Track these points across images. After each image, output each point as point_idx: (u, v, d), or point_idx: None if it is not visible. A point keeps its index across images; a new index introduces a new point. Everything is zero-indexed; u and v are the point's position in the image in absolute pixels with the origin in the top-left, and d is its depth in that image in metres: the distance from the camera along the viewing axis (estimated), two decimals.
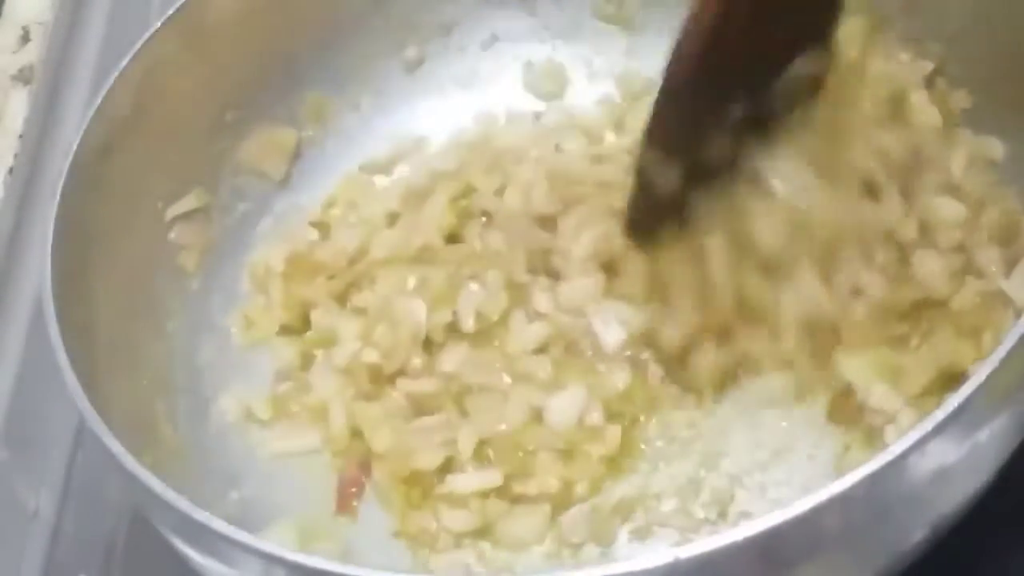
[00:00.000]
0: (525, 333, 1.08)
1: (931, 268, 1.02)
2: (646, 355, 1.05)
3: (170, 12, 1.14)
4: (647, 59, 1.27)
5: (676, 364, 1.04)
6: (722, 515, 0.99)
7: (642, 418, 1.04)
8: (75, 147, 1.06)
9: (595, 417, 1.03)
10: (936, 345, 1.00)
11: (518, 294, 1.10)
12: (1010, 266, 1.02)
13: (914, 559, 0.90)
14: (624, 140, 1.21)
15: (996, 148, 1.10)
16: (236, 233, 1.21)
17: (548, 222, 1.13)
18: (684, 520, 0.99)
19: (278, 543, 0.84)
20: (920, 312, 1.02)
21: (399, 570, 1.00)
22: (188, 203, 1.17)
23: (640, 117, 1.03)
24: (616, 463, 1.02)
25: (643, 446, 1.03)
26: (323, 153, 1.26)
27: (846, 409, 1.00)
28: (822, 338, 1.01)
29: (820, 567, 0.83)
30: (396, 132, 1.28)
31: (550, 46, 1.30)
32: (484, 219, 1.17)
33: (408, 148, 1.26)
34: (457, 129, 1.27)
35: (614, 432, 1.03)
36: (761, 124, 0.98)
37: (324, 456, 1.09)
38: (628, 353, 1.05)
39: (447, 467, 1.04)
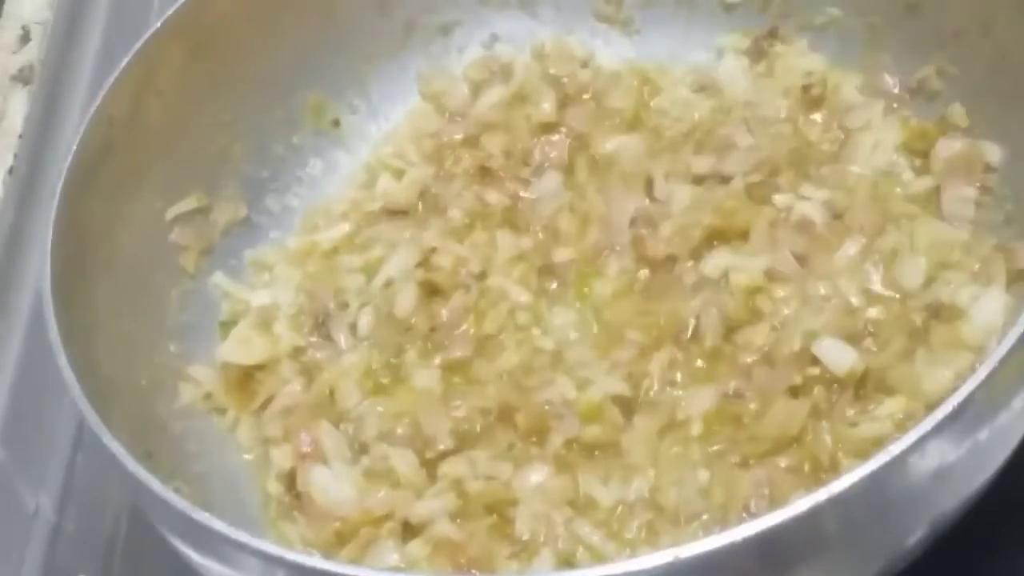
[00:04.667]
0: None
1: None
2: None
3: (170, 12, 1.14)
4: (647, 60, 1.27)
5: None
6: None
7: None
8: (75, 147, 1.06)
9: None
10: None
11: None
12: None
13: (915, 558, 0.90)
14: None
15: (993, 152, 1.10)
16: (236, 234, 1.21)
17: None
18: None
19: None
20: None
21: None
22: (188, 204, 1.17)
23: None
24: None
25: None
26: (323, 154, 1.26)
27: None
28: None
29: (820, 566, 0.84)
30: (399, 133, 1.28)
31: (549, 45, 1.29)
32: None
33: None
34: None
35: None
36: None
37: None
38: None
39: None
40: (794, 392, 1.01)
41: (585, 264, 1.13)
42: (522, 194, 1.19)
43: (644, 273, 1.11)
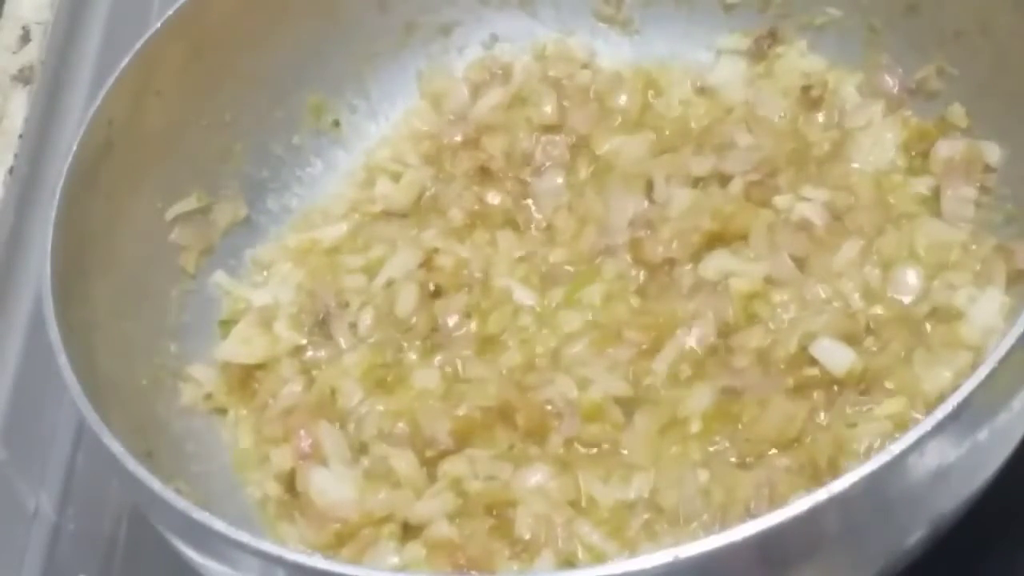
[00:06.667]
0: None
1: None
2: None
3: (170, 12, 1.14)
4: (647, 60, 1.27)
5: None
6: None
7: None
8: (75, 147, 1.06)
9: None
10: None
11: None
12: None
13: (915, 558, 0.90)
14: None
15: (993, 152, 1.10)
16: (236, 233, 1.21)
17: None
18: None
19: None
20: None
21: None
22: (188, 204, 1.17)
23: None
24: None
25: None
26: (323, 154, 1.26)
27: None
28: None
29: (820, 566, 0.83)
30: (396, 134, 1.28)
31: (550, 47, 1.29)
32: None
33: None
34: None
35: None
36: None
37: None
38: None
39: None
40: (793, 393, 1.01)
41: (582, 265, 1.13)
42: (523, 194, 1.19)
43: (641, 275, 1.11)
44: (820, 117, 1.18)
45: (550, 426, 1.03)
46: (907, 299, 1.05)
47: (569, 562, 0.97)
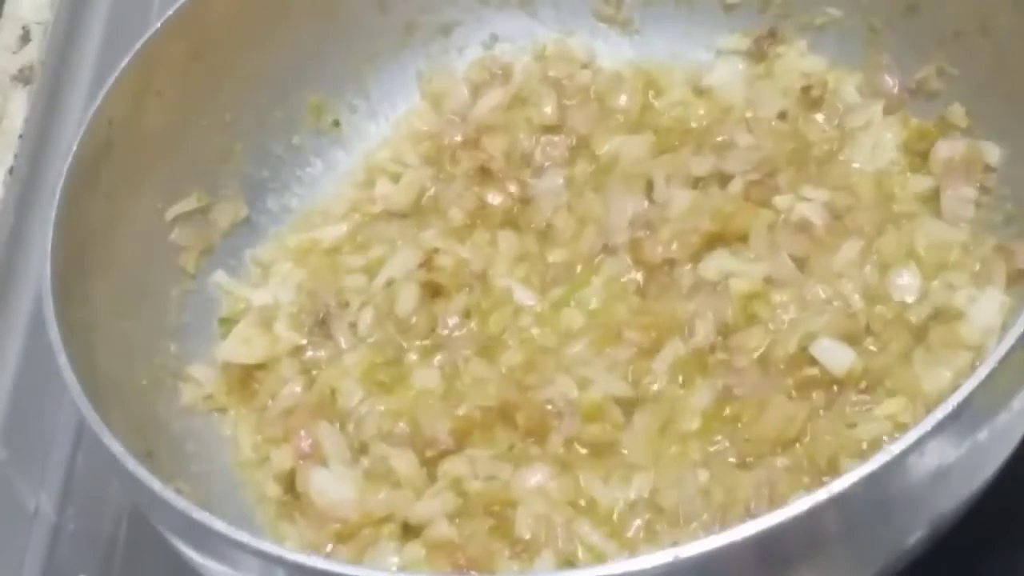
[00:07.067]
0: None
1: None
2: None
3: (170, 12, 1.14)
4: (647, 60, 1.27)
5: None
6: None
7: None
8: (75, 147, 1.06)
9: None
10: None
11: None
12: None
13: (915, 558, 0.90)
14: None
15: (993, 152, 1.10)
16: (237, 233, 1.21)
17: None
18: None
19: None
20: None
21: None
22: (188, 204, 1.17)
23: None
24: None
25: None
26: (323, 154, 1.26)
27: None
28: None
29: (819, 566, 0.84)
30: (396, 134, 1.28)
31: (550, 47, 1.29)
32: None
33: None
34: None
35: None
36: None
37: None
38: None
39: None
40: (793, 393, 1.01)
41: (582, 265, 1.14)
42: (523, 194, 1.19)
43: (641, 275, 1.11)
44: (820, 117, 1.18)
45: (550, 426, 1.03)
46: (907, 299, 1.05)
47: (569, 562, 0.97)
